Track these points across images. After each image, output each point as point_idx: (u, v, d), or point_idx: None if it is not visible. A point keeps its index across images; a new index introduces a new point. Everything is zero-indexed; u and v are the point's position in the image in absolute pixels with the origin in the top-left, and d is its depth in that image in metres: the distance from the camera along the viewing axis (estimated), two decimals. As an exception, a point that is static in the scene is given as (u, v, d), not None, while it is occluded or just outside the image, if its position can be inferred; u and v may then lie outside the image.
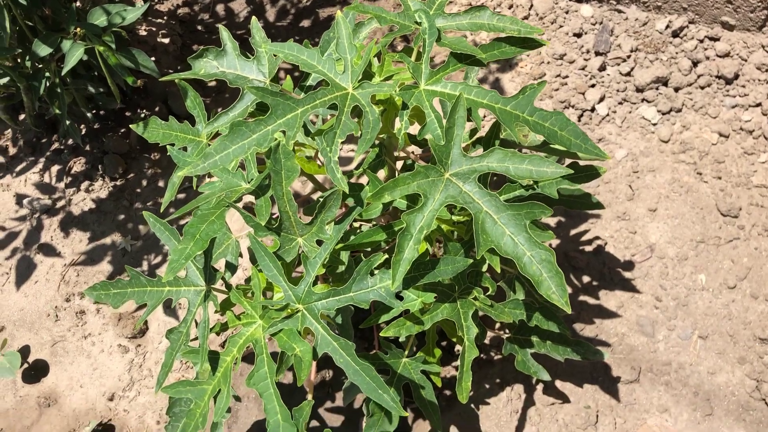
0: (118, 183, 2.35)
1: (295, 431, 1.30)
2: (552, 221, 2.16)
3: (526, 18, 2.57)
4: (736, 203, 2.11)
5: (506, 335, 1.68)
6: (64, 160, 2.39)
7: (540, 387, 1.92)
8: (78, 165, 2.37)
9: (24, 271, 2.25)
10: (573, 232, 2.14)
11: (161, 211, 1.65)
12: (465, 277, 1.45)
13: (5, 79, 1.79)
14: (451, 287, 1.43)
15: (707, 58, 2.38)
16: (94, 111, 2.32)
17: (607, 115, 2.35)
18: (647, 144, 2.27)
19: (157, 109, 2.47)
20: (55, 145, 2.43)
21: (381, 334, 1.40)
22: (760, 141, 2.23)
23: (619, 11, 2.50)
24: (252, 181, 1.46)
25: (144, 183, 2.36)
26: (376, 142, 1.56)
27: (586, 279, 2.06)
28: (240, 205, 1.57)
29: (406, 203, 1.49)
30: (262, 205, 1.40)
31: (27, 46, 1.90)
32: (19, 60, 1.89)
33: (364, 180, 2.11)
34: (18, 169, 2.40)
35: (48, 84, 1.94)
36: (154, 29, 2.69)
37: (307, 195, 1.93)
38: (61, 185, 2.35)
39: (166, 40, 2.66)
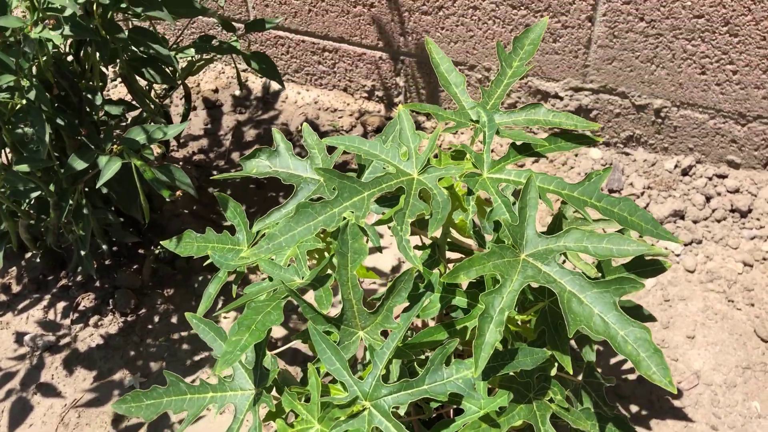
0: (128, 319, 2.23)
1: None
2: (589, 350, 2.07)
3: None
4: (774, 328, 2.06)
5: (572, 456, 1.53)
6: (72, 296, 2.28)
7: None
8: (87, 300, 2.26)
9: (18, 415, 2.04)
10: (613, 360, 2.04)
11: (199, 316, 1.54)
12: (534, 380, 1.35)
13: (37, 193, 1.74)
14: (526, 386, 1.32)
15: (719, 194, 2.44)
16: (108, 245, 2.25)
17: (630, 247, 2.34)
18: (674, 274, 2.25)
19: (171, 245, 2.40)
20: (63, 282, 2.32)
21: (456, 437, 1.26)
22: (785, 270, 2.24)
23: (627, 153, 2.60)
24: (305, 277, 1.39)
25: (156, 319, 2.24)
26: (428, 242, 1.52)
27: (634, 408, 1.93)
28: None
29: (467, 301, 1.41)
30: (322, 295, 1.32)
31: (51, 170, 1.87)
32: (40, 176, 1.85)
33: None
34: (21, 306, 2.27)
35: (73, 205, 1.89)
36: (169, 173, 2.71)
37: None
38: (67, 321, 2.22)
39: (182, 183, 2.67)
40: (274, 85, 3.09)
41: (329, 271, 1.38)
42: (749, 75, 2.25)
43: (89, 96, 1.88)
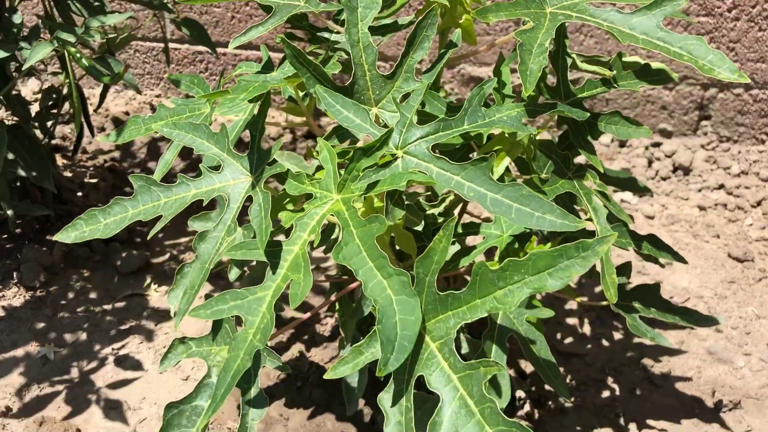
0: (37, 294, 1.85)
1: (418, 306, 0.86)
2: (572, 281, 1.91)
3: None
4: (747, 250, 2.00)
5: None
6: (-37, 276, 1.88)
7: (633, 428, 1.49)
8: (-18, 278, 1.87)
9: None
10: (598, 288, 1.89)
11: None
12: (570, 161, 1.19)
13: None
14: (564, 162, 1.16)
15: (658, 159, 2.47)
16: (13, 213, 1.91)
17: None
18: (635, 221, 2.19)
19: (87, 228, 2.08)
20: (-50, 267, 1.93)
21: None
22: (737, 212, 2.23)
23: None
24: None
25: (71, 296, 1.87)
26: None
27: (632, 323, 1.76)
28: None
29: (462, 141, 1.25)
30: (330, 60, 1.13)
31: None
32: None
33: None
34: None
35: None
36: (80, 174, 2.42)
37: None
38: (-44, 301, 1.81)
39: (95, 180, 2.39)
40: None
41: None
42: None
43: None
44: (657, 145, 2.52)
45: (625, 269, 1.39)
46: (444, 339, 0.87)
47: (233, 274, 1.28)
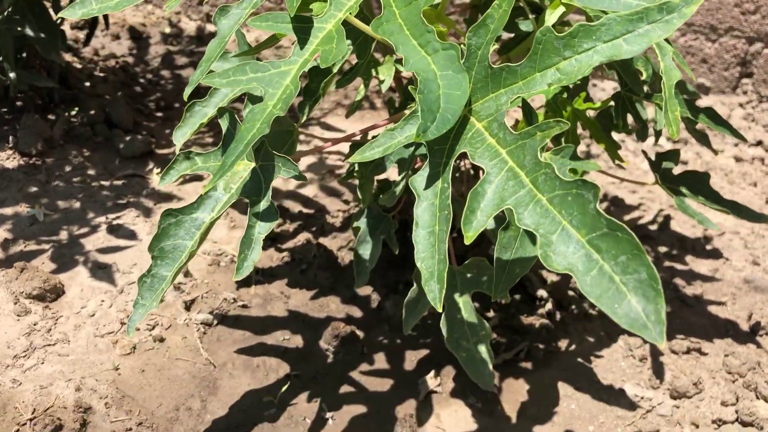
0: (32, 161, 1.74)
1: (465, 80, 0.75)
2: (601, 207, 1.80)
3: None
4: (785, 198, 1.89)
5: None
6: (-44, 138, 1.77)
7: (662, 338, 1.37)
8: (-24, 140, 1.76)
9: None
10: (627, 217, 1.78)
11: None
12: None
13: None
14: None
15: (693, 112, 2.35)
16: (18, 80, 1.80)
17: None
18: (667, 165, 2.07)
19: (93, 112, 1.98)
20: (-56, 129, 1.82)
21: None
22: (775, 168, 2.12)
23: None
24: None
25: (68, 168, 1.76)
26: None
27: (663, 249, 1.65)
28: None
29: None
30: None
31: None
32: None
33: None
34: None
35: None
36: (90, 69, 2.32)
37: None
38: (-54, 159, 1.70)
39: (104, 74, 2.28)
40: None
41: None
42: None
43: None
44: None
45: (673, 155, 1.28)
46: (493, 116, 0.76)
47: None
